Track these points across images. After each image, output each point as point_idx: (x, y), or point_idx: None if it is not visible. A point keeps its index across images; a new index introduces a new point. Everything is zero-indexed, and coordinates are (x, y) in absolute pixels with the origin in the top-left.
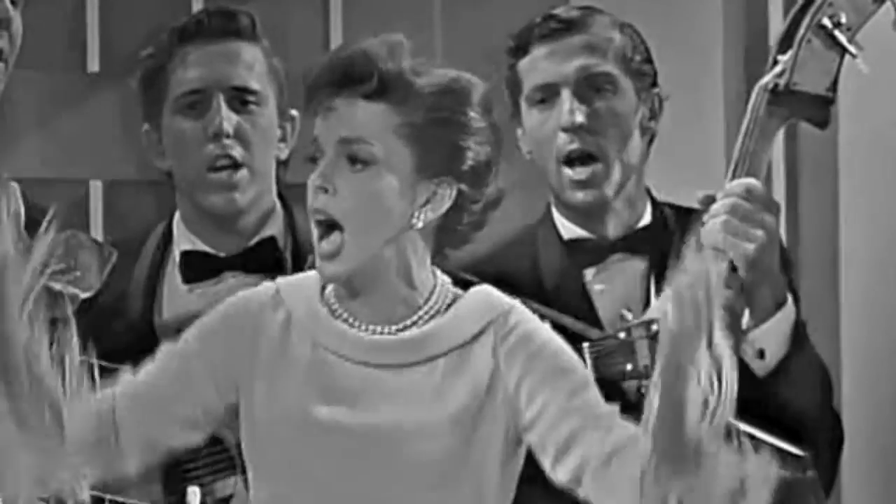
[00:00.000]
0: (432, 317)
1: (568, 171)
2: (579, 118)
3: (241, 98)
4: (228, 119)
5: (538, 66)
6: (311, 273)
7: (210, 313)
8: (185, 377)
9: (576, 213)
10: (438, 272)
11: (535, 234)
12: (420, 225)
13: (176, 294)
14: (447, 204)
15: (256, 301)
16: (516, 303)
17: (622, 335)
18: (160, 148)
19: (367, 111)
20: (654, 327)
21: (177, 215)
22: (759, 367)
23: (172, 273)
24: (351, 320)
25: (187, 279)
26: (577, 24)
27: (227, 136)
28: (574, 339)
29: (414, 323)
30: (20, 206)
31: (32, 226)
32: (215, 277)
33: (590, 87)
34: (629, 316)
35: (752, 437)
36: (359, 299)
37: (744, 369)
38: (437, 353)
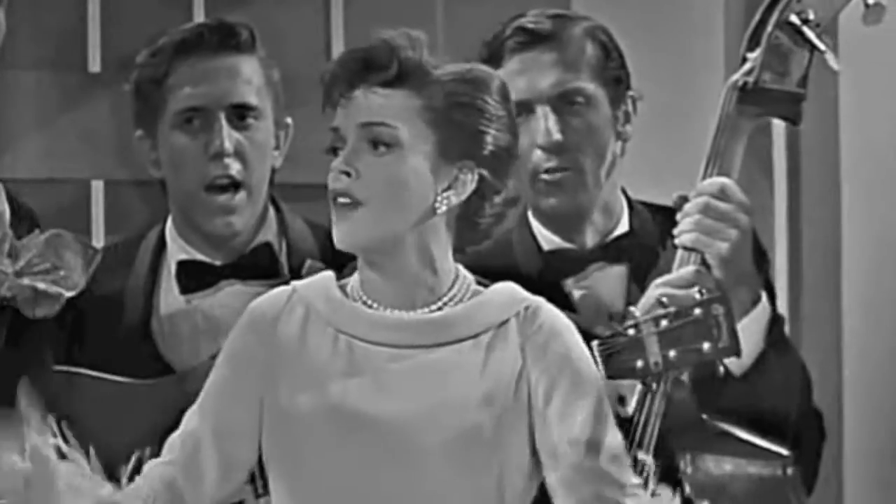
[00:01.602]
0: (455, 303)
1: (543, 176)
2: (556, 137)
3: (240, 114)
4: (229, 138)
5: (511, 81)
6: (327, 272)
7: (232, 333)
8: (228, 414)
9: (554, 223)
10: (461, 266)
11: (511, 241)
12: (443, 209)
13: (174, 305)
14: (469, 189)
15: (273, 304)
16: (543, 300)
17: (631, 332)
18: (154, 155)
19: (388, 97)
20: (664, 322)
21: (169, 223)
22: (736, 366)
23: (169, 283)
24: (373, 304)
25: (184, 289)
26: (547, 36)
27: (227, 156)
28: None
29: (437, 307)
30: (5, 206)
31: (19, 225)
32: (212, 286)
33: (564, 103)
34: (636, 312)
35: (731, 435)
36: (382, 283)
37: (720, 367)
38: (461, 336)
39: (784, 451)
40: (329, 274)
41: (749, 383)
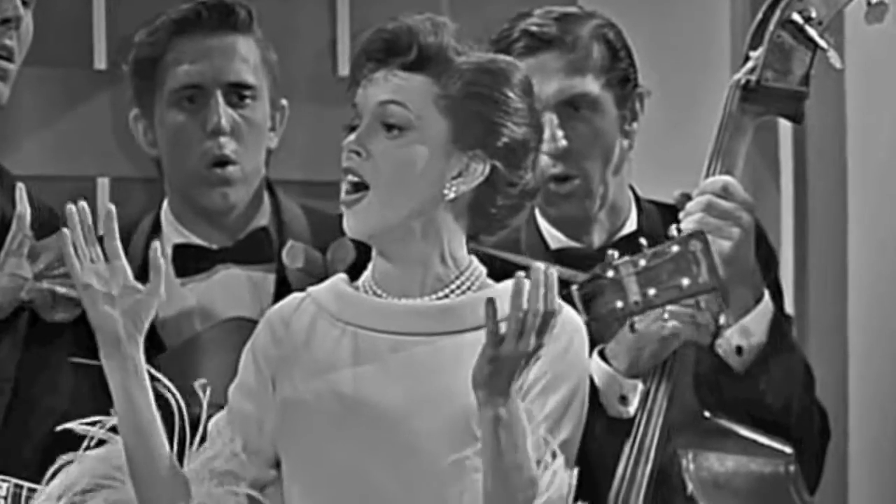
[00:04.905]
0: (464, 292)
1: (550, 185)
2: (562, 143)
3: (237, 93)
4: (226, 116)
5: None
6: (340, 274)
7: (251, 340)
8: (260, 416)
9: (561, 222)
10: (475, 259)
11: (519, 239)
12: (451, 196)
13: (170, 289)
14: (479, 179)
15: (286, 307)
16: (565, 306)
17: (610, 273)
18: (150, 134)
19: (406, 80)
20: (642, 262)
21: (165, 208)
22: (737, 364)
23: (165, 267)
24: (382, 294)
25: (180, 273)
26: (553, 41)
27: (224, 134)
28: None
29: (444, 294)
30: (27, 208)
31: (40, 225)
32: (208, 270)
33: (570, 108)
34: (615, 255)
35: (733, 433)
36: (392, 270)
37: (722, 365)
38: (463, 327)
39: (786, 449)
40: (341, 275)
41: (750, 380)
